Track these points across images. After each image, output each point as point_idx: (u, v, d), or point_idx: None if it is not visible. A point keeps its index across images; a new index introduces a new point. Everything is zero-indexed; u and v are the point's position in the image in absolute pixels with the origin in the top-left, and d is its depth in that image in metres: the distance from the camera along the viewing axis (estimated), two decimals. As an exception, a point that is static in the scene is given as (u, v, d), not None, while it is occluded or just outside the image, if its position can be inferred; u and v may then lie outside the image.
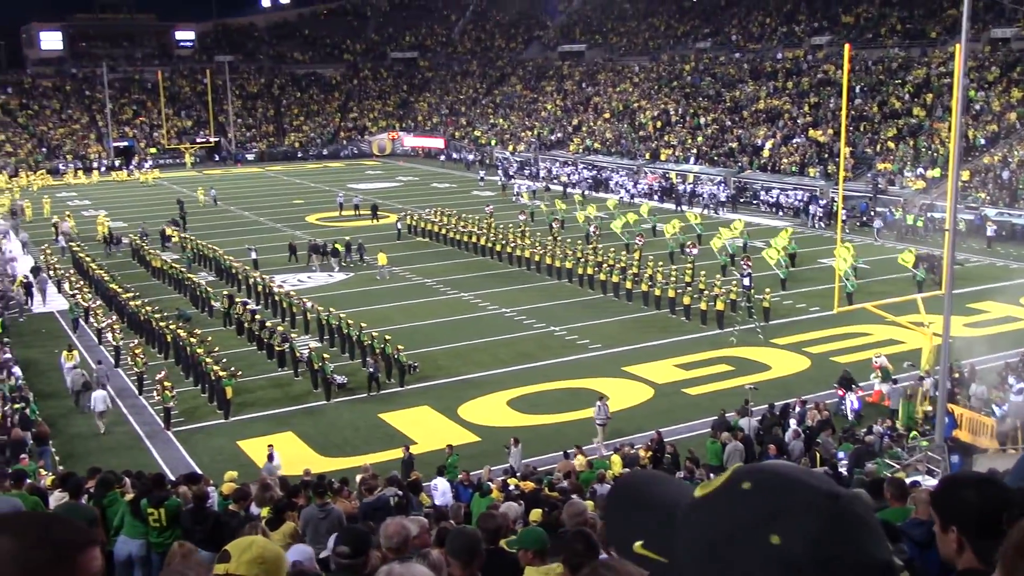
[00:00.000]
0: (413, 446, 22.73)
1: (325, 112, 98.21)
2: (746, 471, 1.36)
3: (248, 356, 29.92)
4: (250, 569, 2.92)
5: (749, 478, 1.33)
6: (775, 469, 1.35)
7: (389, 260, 41.47)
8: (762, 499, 1.31)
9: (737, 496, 1.32)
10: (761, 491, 1.31)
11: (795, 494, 1.30)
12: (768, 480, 1.33)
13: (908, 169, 52.76)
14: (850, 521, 1.29)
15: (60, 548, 1.72)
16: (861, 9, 72.87)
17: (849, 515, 1.30)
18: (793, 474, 1.35)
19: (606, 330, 32.14)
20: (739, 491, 1.33)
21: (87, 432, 24.52)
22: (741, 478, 1.35)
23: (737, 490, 1.33)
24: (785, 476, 1.34)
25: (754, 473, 1.35)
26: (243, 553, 2.94)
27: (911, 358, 26.75)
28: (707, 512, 1.35)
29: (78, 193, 68.61)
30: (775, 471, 1.36)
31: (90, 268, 40.07)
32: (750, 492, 1.32)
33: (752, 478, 1.34)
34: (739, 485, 1.33)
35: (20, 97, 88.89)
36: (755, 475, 1.34)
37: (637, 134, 72.63)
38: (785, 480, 1.33)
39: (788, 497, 1.30)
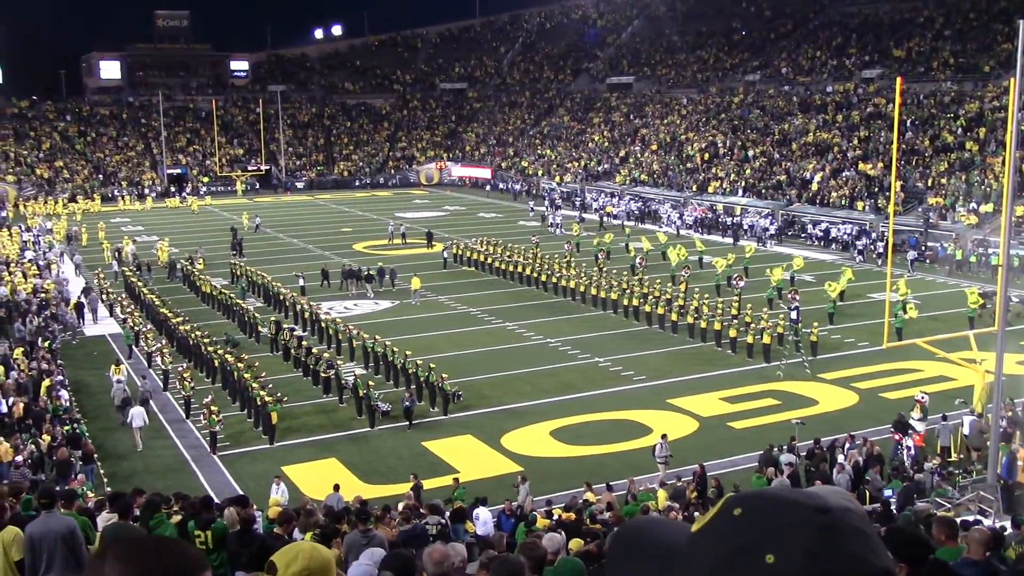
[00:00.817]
0: (455, 475, 22.74)
1: (374, 141, 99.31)
2: (736, 498, 1.38)
3: (294, 382, 30.16)
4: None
5: (740, 504, 1.35)
6: (763, 492, 1.37)
7: (432, 288, 41.64)
8: (753, 522, 1.32)
9: (730, 523, 1.33)
10: (752, 514, 1.32)
11: (785, 513, 1.31)
12: (758, 503, 1.35)
13: (960, 204, 52.03)
14: (843, 532, 1.30)
15: (175, 573, 1.75)
16: (913, 43, 72.28)
17: (841, 526, 1.30)
18: (782, 495, 1.36)
19: (651, 362, 31.95)
20: (731, 517, 1.34)
21: (134, 454, 24.82)
22: (732, 505, 1.36)
23: (729, 517, 1.34)
24: (774, 497, 1.35)
25: (744, 499, 1.36)
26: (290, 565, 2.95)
27: (963, 395, 26.24)
28: (703, 543, 1.36)
29: (131, 219, 69.89)
30: (763, 494, 1.38)
31: (141, 292, 40.74)
32: (741, 517, 1.33)
33: (742, 504, 1.35)
34: (731, 512, 1.35)
35: (79, 124, 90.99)
36: (745, 500, 1.35)
37: (684, 166, 72.47)
38: (774, 501, 1.34)
39: (779, 516, 1.31)
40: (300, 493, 20.73)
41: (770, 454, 21.95)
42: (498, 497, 19.70)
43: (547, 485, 21.63)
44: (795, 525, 1.29)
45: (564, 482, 22.00)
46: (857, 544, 1.30)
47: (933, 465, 21.46)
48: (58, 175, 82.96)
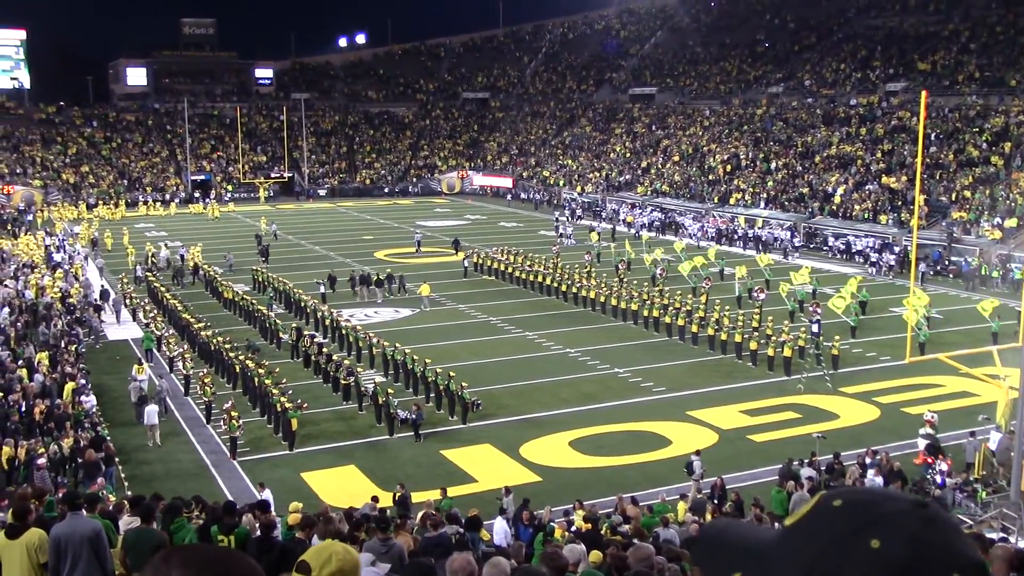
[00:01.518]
0: (473, 484, 22.76)
1: (397, 150, 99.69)
2: (834, 493, 1.43)
3: (314, 389, 30.28)
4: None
5: (838, 496, 1.40)
6: (861, 487, 1.42)
7: (452, 297, 41.80)
8: (855, 511, 1.36)
9: (829, 513, 1.38)
10: (853, 504, 1.37)
11: (886, 503, 1.36)
12: (858, 495, 1.40)
13: (984, 218, 51.69)
14: (944, 523, 1.35)
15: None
16: (938, 56, 71.93)
17: (942, 518, 1.36)
18: (879, 490, 1.43)
19: (671, 373, 31.88)
20: (831, 508, 1.39)
21: (155, 458, 24.98)
22: (831, 498, 1.41)
23: (829, 507, 1.39)
24: (872, 491, 1.41)
25: (842, 492, 1.42)
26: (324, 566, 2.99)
27: (986, 411, 26.04)
28: (802, 534, 1.39)
29: (155, 224, 70.43)
30: (860, 489, 1.44)
31: (164, 298, 41.03)
32: (842, 507, 1.38)
33: (842, 496, 1.40)
34: (830, 504, 1.39)
35: (105, 130, 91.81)
36: (844, 494, 1.40)
37: (706, 177, 72.33)
38: (873, 494, 1.40)
39: (880, 506, 1.36)
40: (319, 500, 20.78)
41: (789, 468, 21.84)
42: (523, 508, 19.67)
43: (565, 495, 21.59)
44: (898, 514, 1.34)
45: (582, 492, 21.92)
46: (956, 536, 1.35)
47: (956, 481, 21.29)
48: (84, 180, 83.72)
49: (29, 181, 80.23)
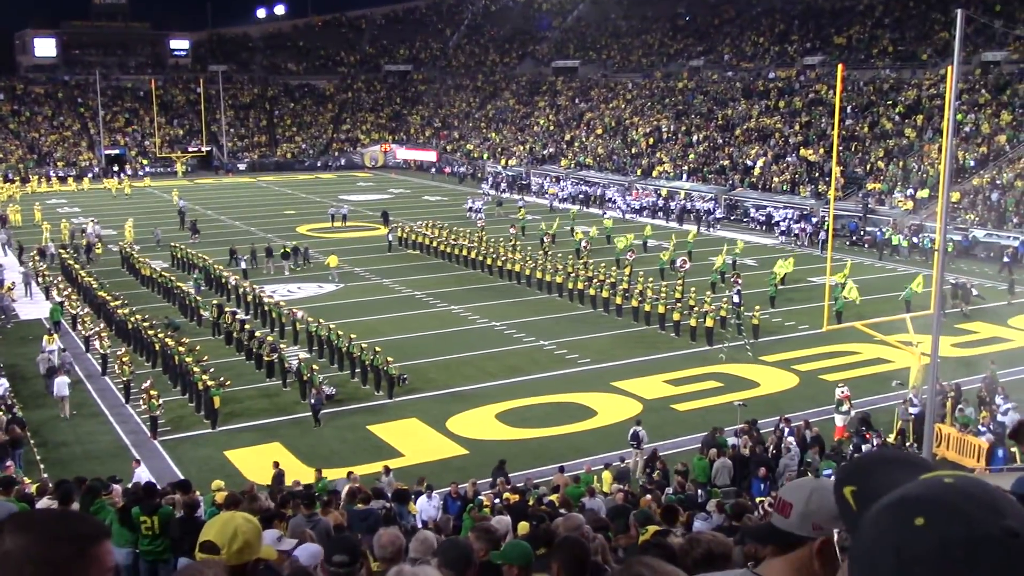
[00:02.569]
0: (400, 458, 22.71)
1: (318, 123, 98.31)
2: (916, 504, 1.32)
3: (237, 366, 29.82)
4: (241, 556, 2.92)
5: (921, 513, 1.30)
6: (944, 499, 1.30)
7: (377, 271, 41.56)
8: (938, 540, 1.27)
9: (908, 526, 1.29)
10: (936, 526, 1.28)
11: (975, 527, 1.26)
12: (940, 514, 1.29)
13: (898, 189, 53.04)
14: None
15: (78, 542, 1.74)
16: (853, 30, 73.37)
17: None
18: (966, 505, 1.29)
19: (596, 345, 32.15)
20: (912, 527, 1.29)
21: (72, 439, 24.38)
22: (914, 513, 1.30)
23: (910, 525, 1.29)
24: (959, 509, 1.29)
25: (924, 506, 1.31)
26: (232, 544, 2.93)
27: (899, 377, 26.83)
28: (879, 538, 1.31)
29: (68, 200, 68.43)
30: (944, 500, 1.31)
31: (79, 275, 39.94)
32: (925, 527, 1.28)
33: (924, 513, 1.29)
34: (912, 521, 1.29)
35: (12, 103, 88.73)
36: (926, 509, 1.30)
37: (629, 150, 72.85)
38: (960, 514, 1.28)
39: (968, 531, 1.26)
40: (243, 478, 20.54)
41: (713, 436, 22.23)
42: (444, 480, 19.71)
43: (492, 468, 21.66)
44: (985, 548, 1.22)
45: (509, 465, 22.06)
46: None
47: (870, 447, 21.89)
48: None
49: (-67, 156, 77.28)
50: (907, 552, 1.25)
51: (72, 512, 1.87)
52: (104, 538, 1.78)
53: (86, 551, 1.74)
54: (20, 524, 1.74)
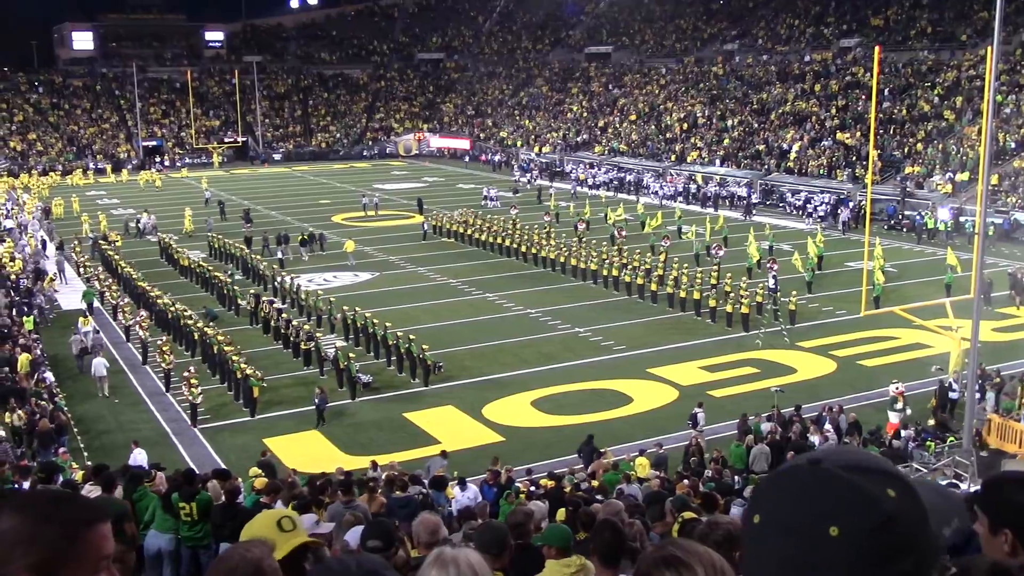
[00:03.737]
0: (436, 446, 22.81)
1: (352, 113, 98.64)
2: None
3: (274, 355, 30.12)
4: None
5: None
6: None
7: (412, 260, 41.80)
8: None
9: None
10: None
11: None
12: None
13: (937, 172, 52.33)
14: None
15: (68, 525, 1.74)
16: (891, 11, 72.32)
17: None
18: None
19: (631, 332, 32.09)
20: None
21: (114, 427, 24.75)
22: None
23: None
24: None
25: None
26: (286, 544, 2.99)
27: (939, 362, 26.54)
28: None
29: (107, 192, 69.27)
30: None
31: (118, 266, 40.44)
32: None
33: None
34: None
35: (51, 96, 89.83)
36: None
37: (663, 136, 72.46)
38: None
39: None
40: (283, 465, 20.75)
41: (746, 422, 22.15)
42: (479, 467, 19.79)
43: (528, 455, 21.75)
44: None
45: (545, 452, 22.14)
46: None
47: (910, 433, 21.71)
48: (31, 148, 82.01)
49: (-25, 150, 78.47)
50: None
51: (71, 495, 1.88)
52: (99, 523, 1.78)
53: (77, 535, 1.74)
54: (16, 505, 1.75)
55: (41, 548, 1.71)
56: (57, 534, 1.72)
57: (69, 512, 1.77)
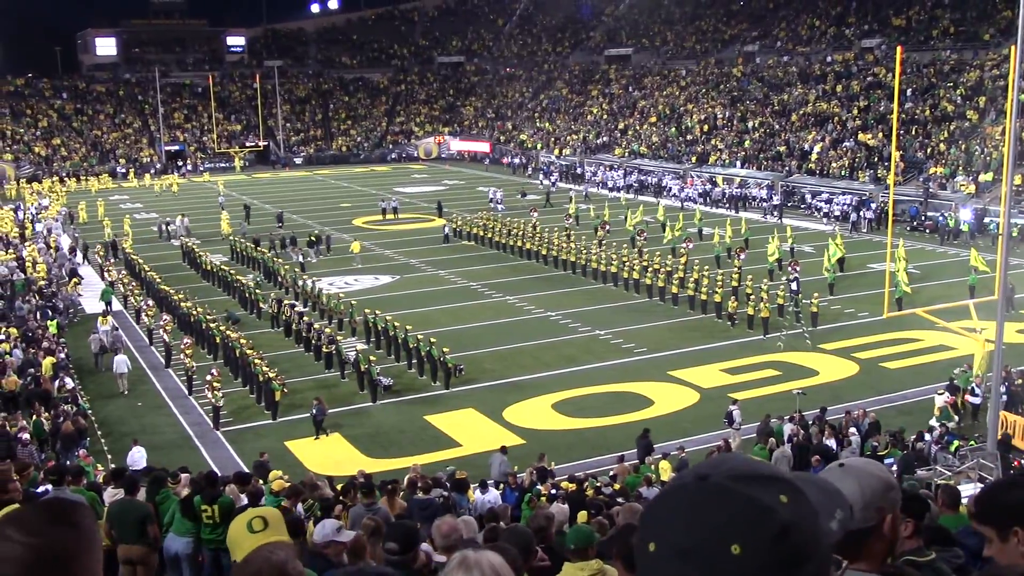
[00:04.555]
0: (457, 448, 22.85)
1: (372, 116, 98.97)
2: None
3: (296, 358, 30.24)
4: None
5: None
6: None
7: (433, 263, 41.89)
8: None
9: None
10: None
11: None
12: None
13: (960, 173, 51.93)
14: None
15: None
16: (912, 11, 71.84)
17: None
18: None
19: (651, 334, 32.01)
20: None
21: (137, 430, 24.90)
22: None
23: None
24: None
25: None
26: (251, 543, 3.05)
27: (963, 364, 26.31)
28: None
29: (130, 196, 69.76)
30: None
31: (142, 269, 40.73)
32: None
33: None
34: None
35: (75, 102, 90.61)
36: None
37: (684, 138, 72.28)
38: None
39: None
40: (304, 468, 20.84)
41: (768, 425, 22.04)
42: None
43: (549, 458, 21.70)
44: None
45: (566, 454, 22.12)
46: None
47: (934, 435, 21.54)
48: (56, 153, 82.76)
49: (0, 156, 79.21)
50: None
51: (72, 503, 1.89)
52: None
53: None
54: (20, 521, 1.76)
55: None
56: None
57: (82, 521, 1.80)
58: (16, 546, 1.71)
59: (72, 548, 1.74)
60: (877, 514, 2.18)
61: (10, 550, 1.71)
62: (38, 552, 1.71)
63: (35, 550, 1.71)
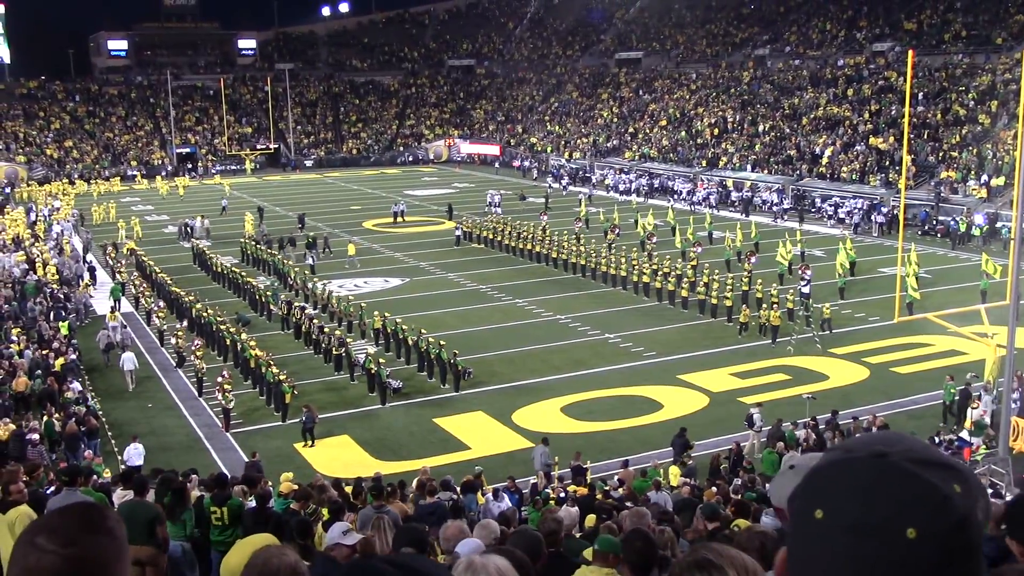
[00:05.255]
0: (466, 451, 22.84)
1: (383, 119, 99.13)
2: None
3: (306, 360, 30.27)
4: None
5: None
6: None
7: (443, 266, 41.92)
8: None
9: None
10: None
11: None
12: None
13: (971, 177, 51.74)
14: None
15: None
16: (924, 15, 71.64)
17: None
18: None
19: (661, 338, 31.97)
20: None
21: (147, 431, 24.95)
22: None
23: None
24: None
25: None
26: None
27: (974, 369, 26.20)
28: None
29: (141, 198, 69.99)
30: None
31: (153, 271, 40.86)
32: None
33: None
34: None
35: (87, 104, 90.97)
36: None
37: (694, 141, 72.19)
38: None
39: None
40: (313, 470, 20.86)
41: (779, 429, 21.97)
42: (510, 473, 19.77)
43: (559, 460, 21.69)
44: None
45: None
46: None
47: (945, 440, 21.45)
48: (67, 155, 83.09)
49: (12, 157, 79.57)
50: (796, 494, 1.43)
51: (93, 506, 1.85)
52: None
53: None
54: (47, 527, 1.72)
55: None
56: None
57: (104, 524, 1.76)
58: (48, 555, 1.65)
59: (105, 556, 1.69)
60: None
61: (42, 560, 1.65)
62: (71, 562, 1.65)
63: (68, 560, 1.65)
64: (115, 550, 1.71)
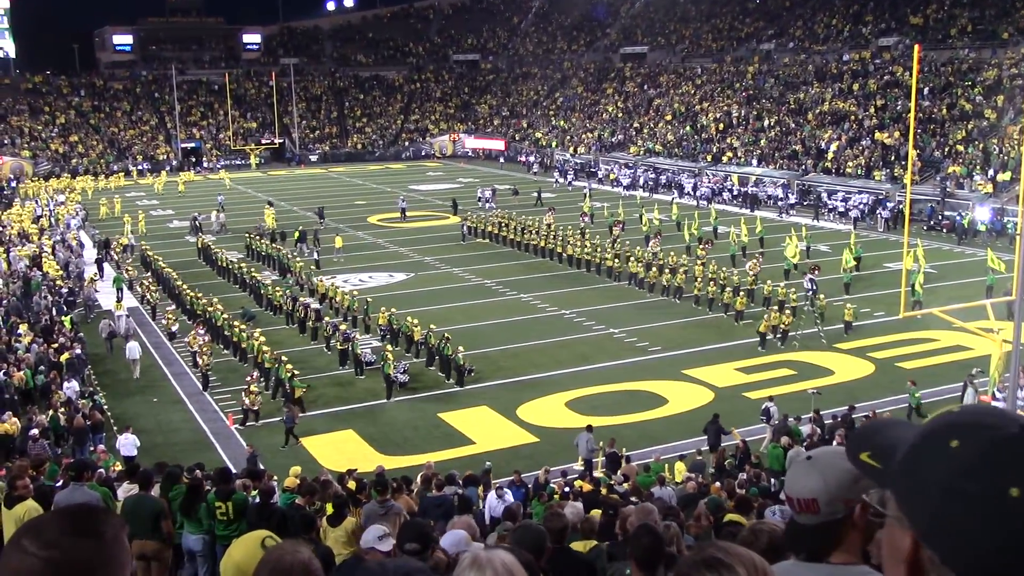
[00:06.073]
0: (471, 446, 22.85)
1: (387, 114, 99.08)
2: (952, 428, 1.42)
3: (310, 355, 30.29)
4: None
5: (956, 436, 1.39)
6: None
7: (448, 261, 41.93)
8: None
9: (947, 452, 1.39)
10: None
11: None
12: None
13: (978, 172, 51.60)
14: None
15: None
16: (930, 10, 71.41)
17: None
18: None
19: (666, 333, 31.95)
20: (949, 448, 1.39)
21: (153, 427, 25.01)
22: (948, 436, 1.40)
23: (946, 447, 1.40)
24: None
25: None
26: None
27: (979, 364, 26.15)
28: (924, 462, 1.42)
29: (146, 193, 70.05)
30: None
31: (158, 267, 40.90)
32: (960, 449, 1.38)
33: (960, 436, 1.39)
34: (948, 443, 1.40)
35: (92, 99, 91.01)
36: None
37: (699, 136, 72.08)
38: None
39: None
40: (318, 465, 20.89)
41: (785, 424, 21.95)
42: (514, 467, 19.76)
43: (563, 456, 21.72)
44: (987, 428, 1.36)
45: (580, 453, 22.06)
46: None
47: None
48: (73, 150, 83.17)
49: (18, 152, 79.66)
50: (951, 471, 1.35)
51: (89, 508, 1.81)
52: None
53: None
54: (37, 532, 1.69)
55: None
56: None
57: (103, 525, 1.72)
58: (31, 558, 1.62)
59: (88, 560, 1.64)
60: (845, 506, 2.20)
61: (24, 562, 1.62)
62: (51, 565, 1.61)
63: (48, 563, 1.61)
64: (102, 554, 1.66)
